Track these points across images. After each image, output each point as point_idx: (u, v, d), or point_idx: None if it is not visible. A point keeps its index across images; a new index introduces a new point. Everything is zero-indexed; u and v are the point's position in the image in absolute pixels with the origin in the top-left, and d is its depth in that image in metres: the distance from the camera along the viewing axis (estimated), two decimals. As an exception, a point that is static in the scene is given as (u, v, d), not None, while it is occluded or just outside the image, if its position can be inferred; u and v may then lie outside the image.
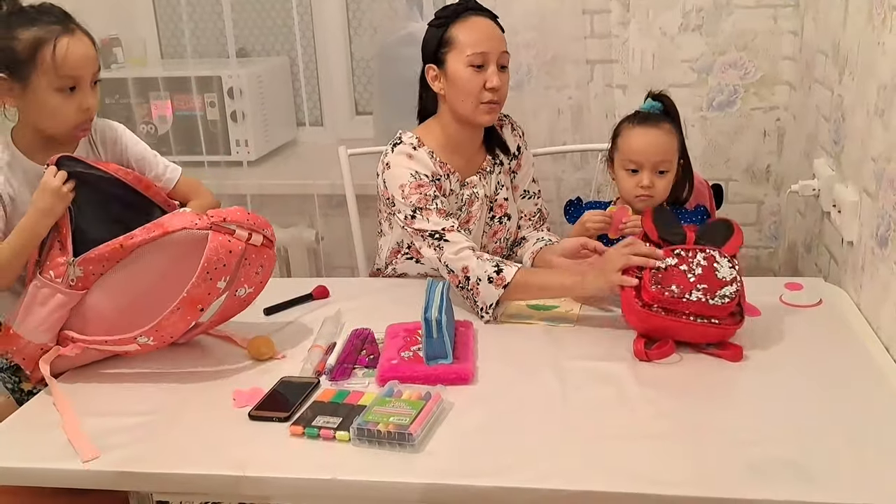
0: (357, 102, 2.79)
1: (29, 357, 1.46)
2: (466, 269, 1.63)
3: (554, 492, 1.15)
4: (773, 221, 2.42)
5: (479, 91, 1.70)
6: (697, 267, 1.47)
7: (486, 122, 1.76)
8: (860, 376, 1.38)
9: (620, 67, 2.34)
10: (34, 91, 1.45)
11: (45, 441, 1.32)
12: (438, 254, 1.67)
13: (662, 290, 1.44)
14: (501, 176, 1.87)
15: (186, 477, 1.24)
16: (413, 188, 1.70)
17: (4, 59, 1.44)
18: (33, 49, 1.43)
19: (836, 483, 1.12)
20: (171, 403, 1.41)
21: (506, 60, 1.74)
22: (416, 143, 1.76)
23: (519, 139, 1.91)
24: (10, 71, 1.44)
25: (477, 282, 1.62)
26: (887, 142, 1.49)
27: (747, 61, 2.28)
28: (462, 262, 1.64)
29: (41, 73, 1.44)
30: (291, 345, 1.57)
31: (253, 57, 2.79)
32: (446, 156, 1.78)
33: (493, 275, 1.61)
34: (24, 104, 1.48)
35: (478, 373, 1.45)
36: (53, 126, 1.50)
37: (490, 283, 1.61)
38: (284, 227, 2.61)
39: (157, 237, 1.43)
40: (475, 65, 1.69)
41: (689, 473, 1.16)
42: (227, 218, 1.45)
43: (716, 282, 1.45)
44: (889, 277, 1.47)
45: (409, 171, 1.71)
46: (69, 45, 1.44)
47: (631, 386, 1.38)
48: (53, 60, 1.43)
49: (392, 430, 1.24)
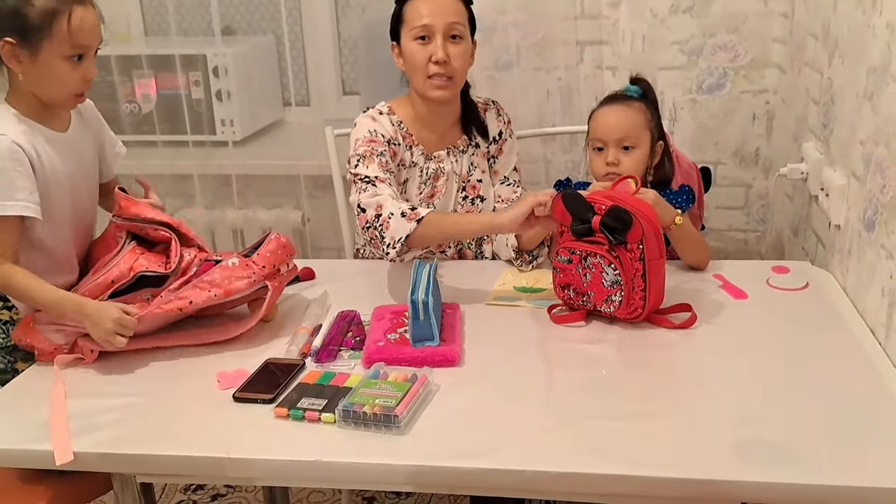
0: (344, 82, 2.76)
1: (43, 351, 1.48)
2: (380, 206, 1.62)
3: (540, 473, 1.15)
4: (760, 205, 2.42)
5: (426, 64, 1.71)
6: (587, 273, 1.50)
7: (437, 98, 1.74)
8: (845, 359, 1.38)
9: (610, 49, 2.32)
10: (43, 58, 1.43)
11: (26, 422, 1.31)
12: (359, 196, 1.66)
13: (562, 290, 1.54)
14: (476, 158, 1.86)
15: (170, 459, 1.23)
16: (365, 141, 1.73)
17: (15, 25, 1.42)
18: (48, 17, 1.41)
19: (821, 465, 1.12)
20: (155, 385, 1.40)
21: (458, 30, 1.72)
22: (386, 111, 1.79)
23: (503, 125, 1.89)
24: (19, 37, 1.42)
25: (389, 216, 1.60)
26: (876, 125, 1.49)
27: (737, 44, 2.27)
28: (378, 201, 1.63)
29: (54, 42, 1.43)
30: (277, 326, 1.56)
31: (239, 35, 2.75)
32: (415, 128, 1.80)
33: (407, 210, 1.60)
34: (29, 70, 1.45)
35: (464, 355, 1.44)
36: (55, 93, 1.49)
37: (403, 218, 1.59)
38: (270, 209, 2.59)
39: (218, 301, 1.48)
40: (419, 37, 1.70)
41: (675, 455, 1.16)
42: (272, 263, 1.54)
43: (602, 290, 1.48)
44: (875, 261, 1.47)
45: (367, 128, 1.75)
46: (83, 15, 1.44)
47: (617, 368, 1.38)
48: (69, 30, 1.42)
49: (378, 412, 1.23)
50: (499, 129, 1.89)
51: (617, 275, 1.45)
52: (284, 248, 1.58)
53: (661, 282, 1.49)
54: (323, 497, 2.25)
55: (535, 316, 1.58)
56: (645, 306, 1.47)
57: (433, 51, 1.69)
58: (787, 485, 1.10)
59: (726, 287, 1.65)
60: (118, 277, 1.48)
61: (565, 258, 1.53)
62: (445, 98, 1.76)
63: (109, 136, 1.71)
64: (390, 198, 1.64)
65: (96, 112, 1.68)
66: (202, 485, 2.31)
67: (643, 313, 1.48)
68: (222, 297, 1.48)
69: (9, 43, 1.43)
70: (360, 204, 1.66)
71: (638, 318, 1.48)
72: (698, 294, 1.61)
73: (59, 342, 1.47)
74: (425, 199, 1.79)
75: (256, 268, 1.52)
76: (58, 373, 1.43)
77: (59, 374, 1.42)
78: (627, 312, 1.48)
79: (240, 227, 2.59)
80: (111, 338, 1.41)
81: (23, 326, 1.48)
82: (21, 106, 1.50)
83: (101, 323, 1.40)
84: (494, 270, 1.79)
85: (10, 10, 1.42)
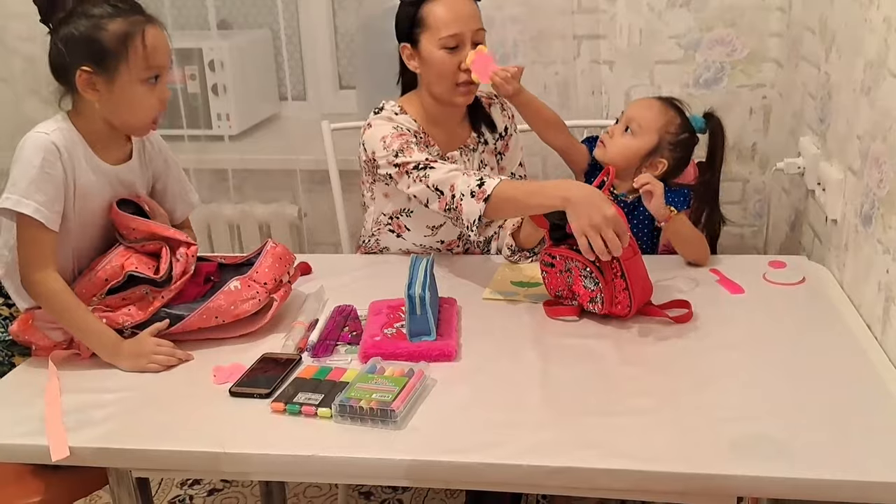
0: (341, 76, 2.75)
1: (41, 347, 1.48)
2: (453, 186, 1.57)
3: (536, 468, 1.15)
4: (757, 200, 2.42)
5: (455, 73, 1.69)
6: (569, 277, 1.52)
7: (463, 104, 1.75)
8: (842, 354, 1.38)
9: (608, 43, 2.32)
10: (120, 83, 1.40)
11: (21, 417, 1.30)
12: (426, 181, 1.60)
13: (552, 291, 1.57)
14: (485, 155, 1.85)
15: (166, 454, 1.23)
16: (395, 136, 1.68)
17: (90, 52, 1.38)
18: (123, 40, 1.38)
19: (817, 459, 1.12)
20: (151, 379, 1.40)
21: (481, 38, 1.71)
22: (399, 111, 1.76)
23: (508, 120, 1.89)
24: (95, 64, 1.38)
25: (461, 197, 1.55)
26: (873, 120, 1.49)
27: (734, 38, 2.27)
28: (451, 180, 1.57)
29: (131, 65, 1.39)
30: (273, 321, 1.56)
31: (235, 29, 2.74)
32: (427, 128, 1.77)
33: (476, 188, 1.54)
34: (106, 97, 1.41)
35: (461, 349, 1.44)
36: (133, 118, 1.45)
37: (472, 198, 1.54)
38: (266, 203, 2.58)
39: (227, 324, 1.48)
40: (449, 47, 1.67)
41: (671, 450, 1.16)
42: (273, 278, 1.53)
43: (585, 291, 1.50)
44: (872, 255, 1.47)
45: (390, 125, 1.71)
46: (155, 34, 1.41)
47: (614, 363, 1.38)
48: (144, 51, 1.39)
49: (374, 406, 1.23)
50: (504, 124, 1.88)
51: (594, 277, 1.46)
52: (282, 259, 1.57)
53: (642, 277, 1.49)
54: (319, 492, 2.25)
55: (531, 311, 1.58)
56: (631, 303, 1.47)
57: (463, 59, 1.68)
58: (783, 479, 1.10)
59: (723, 282, 1.65)
60: (111, 275, 1.47)
61: (548, 262, 1.54)
62: (469, 102, 1.76)
63: (177, 180, 1.65)
64: (458, 173, 1.58)
65: (165, 153, 1.63)
66: (198, 479, 2.31)
67: (632, 309, 1.48)
68: (230, 320, 1.48)
69: (85, 71, 1.39)
70: (436, 187, 1.59)
71: (628, 314, 1.48)
72: (695, 288, 1.61)
73: (58, 339, 1.47)
74: None
75: (258, 286, 1.51)
76: (52, 369, 1.42)
77: (54, 370, 1.42)
78: (615, 310, 1.48)
79: (236, 221, 2.59)
80: (151, 360, 1.41)
81: (21, 322, 1.47)
82: (81, 127, 1.45)
83: (139, 350, 1.41)
84: (491, 265, 1.79)
85: (84, 37, 1.38)
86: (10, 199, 1.38)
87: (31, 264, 1.41)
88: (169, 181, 1.64)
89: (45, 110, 2.70)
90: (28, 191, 1.37)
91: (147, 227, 1.50)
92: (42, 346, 1.48)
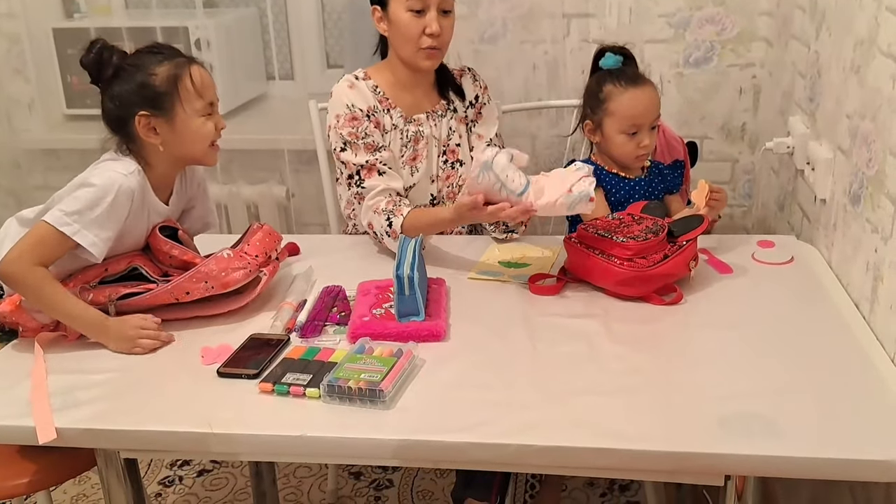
0: (328, 55, 2.73)
1: (28, 330, 1.47)
2: (371, 225, 1.73)
3: (525, 447, 1.15)
4: (746, 179, 2.42)
5: (419, 36, 1.71)
6: (622, 224, 1.57)
7: (427, 68, 1.77)
8: (829, 333, 1.39)
9: (597, 22, 2.30)
10: (179, 120, 1.48)
11: (8, 399, 1.30)
12: (354, 201, 1.76)
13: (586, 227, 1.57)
14: (454, 122, 1.86)
15: (154, 434, 1.23)
16: (347, 120, 1.74)
17: (145, 97, 1.46)
18: (173, 80, 1.47)
19: (805, 437, 1.13)
20: (138, 361, 1.39)
21: (449, 5, 1.73)
22: (363, 76, 1.80)
23: (480, 90, 1.90)
24: (152, 107, 1.46)
25: (381, 237, 1.72)
26: (862, 98, 1.48)
27: (724, 17, 2.26)
28: (367, 218, 1.73)
29: (184, 102, 1.47)
30: (261, 301, 1.55)
31: (221, 7, 2.70)
32: (393, 92, 1.80)
33: (388, 229, 1.69)
34: (168, 137, 1.49)
35: (450, 330, 1.44)
36: (196, 149, 1.53)
37: (389, 238, 1.70)
38: (254, 184, 2.57)
39: (216, 293, 1.48)
40: (415, 10, 1.69)
41: (660, 428, 1.16)
42: (263, 251, 1.55)
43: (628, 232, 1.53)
44: (860, 235, 1.48)
45: (346, 102, 1.75)
46: (200, 71, 1.51)
47: (602, 342, 1.39)
48: (194, 87, 1.48)
49: (363, 386, 1.23)
50: (475, 93, 1.89)
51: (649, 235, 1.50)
52: (271, 235, 1.60)
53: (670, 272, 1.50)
54: (309, 472, 2.25)
55: (520, 291, 1.58)
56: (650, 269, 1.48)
57: (427, 23, 1.69)
58: (771, 457, 1.10)
59: (711, 261, 1.65)
60: (113, 268, 1.50)
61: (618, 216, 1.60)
62: (434, 67, 1.79)
63: (203, 203, 1.69)
64: (370, 210, 1.71)
65: (200, 179, 1.68)
66: (188, 460, 2.30)
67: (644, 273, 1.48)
68: (219, 289, 1.48)
69: (144, 116, 1.46)
70: (357, 213, 1.76)
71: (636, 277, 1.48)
72: (684, 268, 1.61)
73: (45, 321, 1.46)
74: (408, 163, 1.80)
75: (250, 258, 1.52)
76: (39, 351, 1.41)
77: (40, 352, 1.41)
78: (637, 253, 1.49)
79: (224, 202, 2.56)
80: (136, 344, 1.41)
81: (9, 304, 1.46)
82: (149, 174, 1.51)
83: (124, 332, 1.41)
84: (480, 245, 1.78)
85: (138, 86, 1.46)
86: (71, 226, 1.41)
87: (28, 258, 1.40)
88: (197, 203, 1.69)
89: (28, 91, 2.67)
90: (91, 224, 1.42)
91: (183, 255, 1.53)
92: (29, 328, 1.47)
